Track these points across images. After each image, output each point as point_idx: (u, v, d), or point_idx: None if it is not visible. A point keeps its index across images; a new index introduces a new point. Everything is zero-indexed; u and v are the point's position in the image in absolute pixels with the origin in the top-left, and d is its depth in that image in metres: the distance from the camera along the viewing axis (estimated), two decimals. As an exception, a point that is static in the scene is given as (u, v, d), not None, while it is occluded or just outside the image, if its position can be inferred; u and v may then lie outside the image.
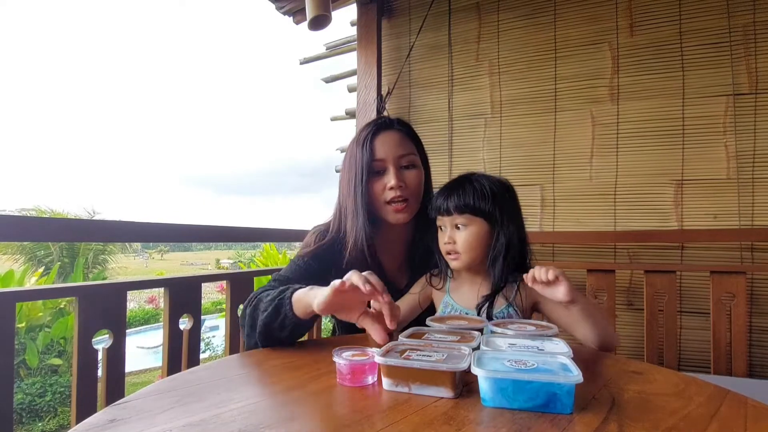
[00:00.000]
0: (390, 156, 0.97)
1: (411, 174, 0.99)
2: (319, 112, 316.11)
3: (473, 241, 0.88)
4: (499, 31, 2.20)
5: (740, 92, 1.79)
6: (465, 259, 0.88)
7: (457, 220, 0.88)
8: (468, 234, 0.87)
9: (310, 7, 1.95)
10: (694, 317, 1.82)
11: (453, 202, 0.88)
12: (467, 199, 0.87)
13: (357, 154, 0.98)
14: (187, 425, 0.49)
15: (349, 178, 0.99)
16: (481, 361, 0.57)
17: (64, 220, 1.20)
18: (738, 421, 0.51)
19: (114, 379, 1.18)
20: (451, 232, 0.89)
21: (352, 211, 0.98)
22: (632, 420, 0.50)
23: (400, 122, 1.03)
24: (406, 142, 1.00)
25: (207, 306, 11.31)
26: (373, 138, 0.97)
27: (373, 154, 0.96)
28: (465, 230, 0.88)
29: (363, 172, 0.96)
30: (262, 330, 0.82)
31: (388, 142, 0.98)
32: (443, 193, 0.91)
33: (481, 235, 0.88)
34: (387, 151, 0.97)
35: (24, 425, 5.42)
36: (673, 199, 1.88)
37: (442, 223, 0.91)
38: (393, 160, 0.97)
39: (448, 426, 0.48)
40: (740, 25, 1.80)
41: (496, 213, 0.87)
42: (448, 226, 0.90)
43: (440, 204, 0.90)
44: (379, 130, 0.99)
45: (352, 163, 0.99)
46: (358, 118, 2.41)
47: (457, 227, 0.89)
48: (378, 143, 0.97)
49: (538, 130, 2.11)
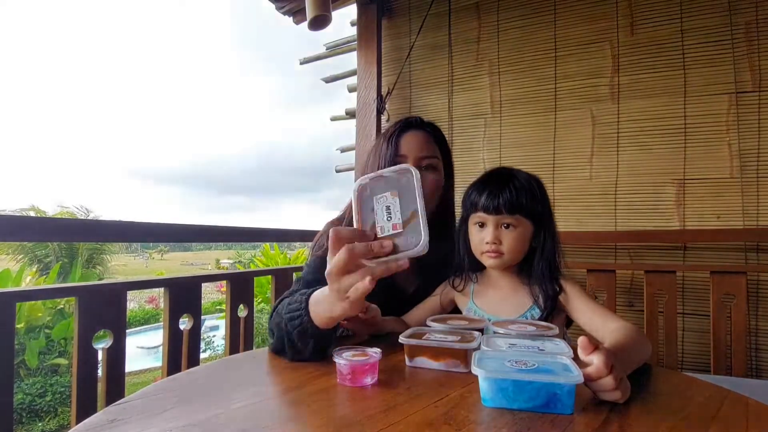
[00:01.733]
0: (412, 155, 0.97)
1: (429, 176, 0.99)
2: (319, 112, 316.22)
3: (521, 242, 0.85)
4: (498, 31, 2.20)
5: (743, 90, 1.77)
6: (507, 260, 0.86)
7: (505, 219, 0.84)
8: (517, 234, 0.85)
9: (310, 7, 1.95)
10: (695, 318, 1.82)
11: (503, 200, 0.83)
12: (520, 198, 0.83)
13: (382, 147, 0.98)
14: (188, 425, 0.49)
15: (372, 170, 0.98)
16: (481, 362, 0.56)
17: (64, 220, 1.20)
18: (739, 421, 0.51)
19: (114, 379, 1.18)
20: (496, 231, 0.85)
21: None
22: (633, 420, 0.50)
23: (430, 124, 1.03)
24: (431, 144, 1.00)
25: (207, 306, 11.30)
26: (399, 134, 0.98)
27: (397, 149, 0.96)
28: (514, 231, 0.85)
29: (385, 166, 0.95)
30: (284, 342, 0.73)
31: (413, 140, 0.98)
32: (484, 190, 0.86)
33: (527, 236, 0.86)
34: (410, 149, 0.97)
35: (24, 425, 5.42)
36: (675, 198, 1.86)
37: (482, 220, 0.87)
38: (414, 159, 0.97)
39: (449, 426, 0.48)
40: (742, 23, 1.78)
41: (544, 213, 0.86)
42: (491, 224, 0.85)
43: (485, 202, 0.85)
44: (407, 128, 0.99)
45: (376, 155, 0.99)
46: (358, 118, 2.41)
47: (506, 227, 0.85)
48: (403, 140, 0.97)
49: (538, 130, 2.10)
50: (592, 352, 0.54)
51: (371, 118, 2.35)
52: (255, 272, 1.86)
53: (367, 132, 2.35)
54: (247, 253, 23.89)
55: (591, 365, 0.53)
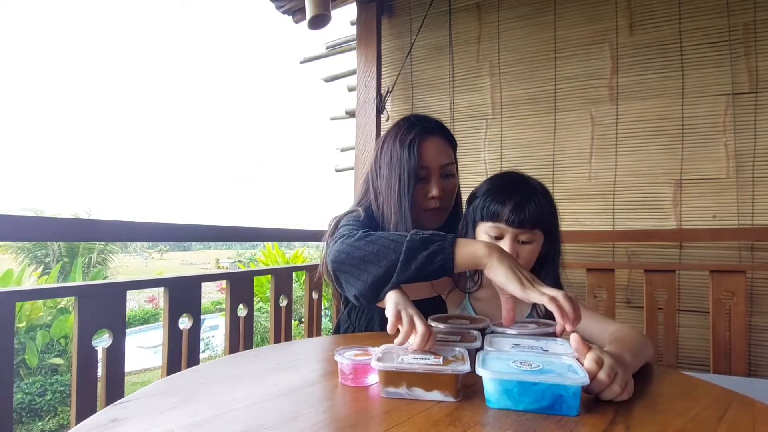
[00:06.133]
0: (435, 165, 0.96)
1: (450, 183, 1.00)
2: (319, 111, 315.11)
3: (535, 255, 0.83)
4: (499, 32, 2.20)
5: (740, 91, 1.79)
6: None
7: (525, 234, 0.81)
8: (533, 248, 0.82)
9: (310, 6, 1.95)
10: (694, 316, 1.83)
11: (528, 215, 0.79)
12: (542, 213, 0.81)
13: (402, 156, 0.95)
14: (188, 425, 0.48)
15: (392, 180, 0.96)
16: (486, 362, 0.56)
17: (64, 220, 1.19)
18: (746, 423, 0.50)
19: (114, 379, 1.18)
20: (513, 245, 0.81)
21: (396, 213, 0.94)
22: (639, 422, 0.49)
23: (442, 127, 1.03)
24: (448, 150, 1.00)
25: (207, 306, 11.31)
26: (420, 142, 0.95)
27: (420, 160, 0.95)
28: (530, 245, 0.82)
29: (410, 178, 0.93)
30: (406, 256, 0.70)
31: (433, 149, 0.97)
32: (507, 200, 0.81)
33: (539, 249, 0.84)
34: (432, 159, 0.96)
35: (24, 425, 5.42)
36: (672, 198, 1.88)
37: (501, 233, 0.82)
38: (437, 168, 0.97)
39: (453, 427, 0.48)
40: (740, 24, 1.79)
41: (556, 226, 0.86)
42: (509, 237, 0.81)
43: (509, 216, 0.80)
44: (425, 134, 0.97)
45: (395, 164, 0.96)
46: (357, 118, 2.41)
47: (523, 242, 0.82)
48: (425, 149, 0.96)
49: (539, 131, 2.11)
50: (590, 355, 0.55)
51: (371, 118, 2.35)
52: (255, 272, 1.85)
53: (367, 131, 2.35)
54: (246, 252, 23.89)
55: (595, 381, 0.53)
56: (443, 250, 0.69)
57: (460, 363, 0.56)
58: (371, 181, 1.02)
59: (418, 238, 0.72)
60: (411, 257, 0.70)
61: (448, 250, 0.69)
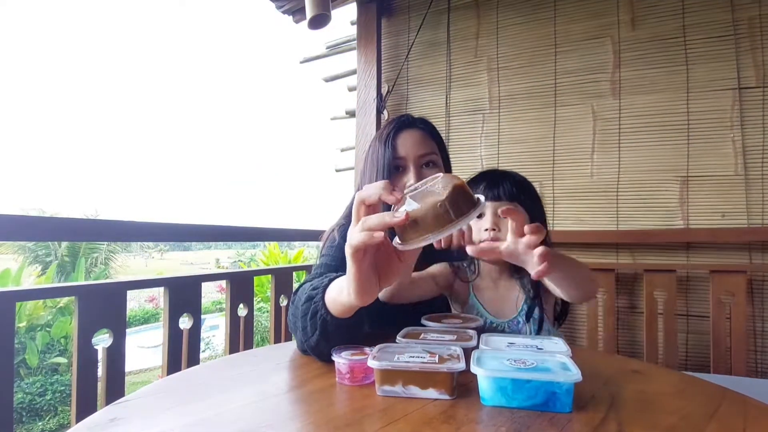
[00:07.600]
0: (411, 154, 0.97)
1: (430, 173, 0.99)
2: (319, 111, 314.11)
3: None
4: (498, 28, 2.19)
5: (747, 86, 1.75)
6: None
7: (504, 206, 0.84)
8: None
9: (310, 6, 1.95)
10: (694, 317, 1.80)
11: (502, 190, 0.86)
12: (517, 191, 0.87)
13: (379, 150, 0.98)
14: (188, 424, 0.49)
15: (371, 175, 0.99)
16: (480, 360, 0.57)
17: (64, 220, 1.20)
18: (737, 420, 0.51)
19: (114, 378, 1.19)
20: (494, 218, 0.84)
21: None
22: (631, 419, 0.50)
23: (422, 121, 1.04)
24: (428, 141, 1.01)
25: (207, 305, 11.30)
26: (395, 135, 0.98)
27: (395, 152, 0.97)
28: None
29: (385, 169, 0.96)
30: (309, 337, 0.70)
31: (409, 140, 0.98)
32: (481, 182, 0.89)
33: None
34: (408, 150, 0.97)
35: (24, 424, 5.43)
36: (679, 196, 1.82)
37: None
38: (414, 158, 0.97)
39: (448, 425, 0.48)
40: (745, 18, 1.76)
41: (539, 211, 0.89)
42: (489, 212, 0.85)
43: (483, 192, 0.87)
44: (402, 128, 1.00)
45: (374, 159, 0.99)
46: (358, 118, 2.41)
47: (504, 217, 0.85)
48: (400, 141, 0.98)
49: (538, 126, 2.08)
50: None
51: (371, 118, 2.35)
52: (255, 272, 1.86)
53: (367, 131, 2.35)
54: (246, 252, 23.89)
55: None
56: (318, 310, 0.68)
57: (455, 361, 0.57)
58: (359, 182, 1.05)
59: (303, 300, 0.71)
60: (305, 325, 0.70)
61: (320, 304, 0.67)
